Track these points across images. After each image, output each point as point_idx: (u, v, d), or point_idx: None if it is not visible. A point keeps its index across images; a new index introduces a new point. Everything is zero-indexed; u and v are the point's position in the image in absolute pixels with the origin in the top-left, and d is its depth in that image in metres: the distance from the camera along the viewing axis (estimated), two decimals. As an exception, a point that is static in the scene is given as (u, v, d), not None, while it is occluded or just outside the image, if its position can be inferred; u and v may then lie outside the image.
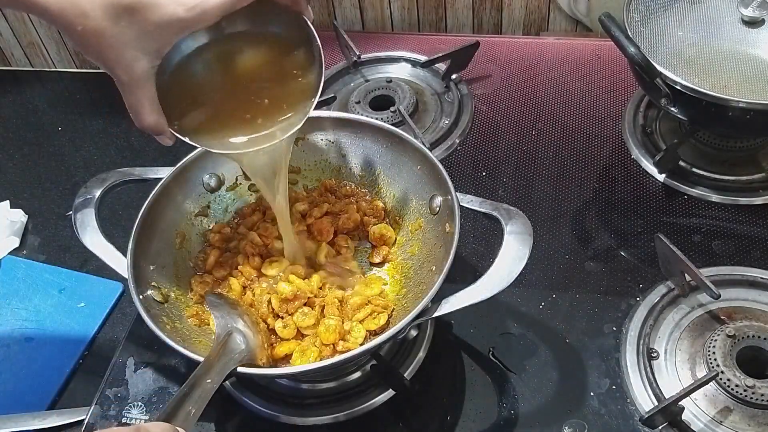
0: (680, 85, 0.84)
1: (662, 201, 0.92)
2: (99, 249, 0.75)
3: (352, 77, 1.15)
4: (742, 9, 0.90)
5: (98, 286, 1.02)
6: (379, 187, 0.84)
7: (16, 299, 1.02)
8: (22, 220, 1.13)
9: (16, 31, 1.45)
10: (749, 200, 0.91)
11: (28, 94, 1.41)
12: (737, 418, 0.71)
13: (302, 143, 0.86)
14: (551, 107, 1.06)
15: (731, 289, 0.80)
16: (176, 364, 0.82)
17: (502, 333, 0.81)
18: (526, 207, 0.77)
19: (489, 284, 0.64)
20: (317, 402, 0.77)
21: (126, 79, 0.58)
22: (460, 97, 1.08)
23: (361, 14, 1.31)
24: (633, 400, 0.73)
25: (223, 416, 0.77)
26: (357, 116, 0.87)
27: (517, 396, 0.75)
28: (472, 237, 0.90)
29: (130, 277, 0.70)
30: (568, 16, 1.26)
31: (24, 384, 0.91)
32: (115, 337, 0.96)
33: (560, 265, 0.87)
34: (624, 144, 0.99)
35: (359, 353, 0.64)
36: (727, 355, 0.73)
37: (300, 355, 0.70)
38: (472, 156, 1.01)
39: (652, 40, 0.91)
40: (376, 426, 0.75)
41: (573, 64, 1.13)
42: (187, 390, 0.57)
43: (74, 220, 0.77)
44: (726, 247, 0.86)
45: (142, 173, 0.82)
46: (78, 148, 1.27)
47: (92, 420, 0.79)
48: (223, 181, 0.85)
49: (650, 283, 0.82)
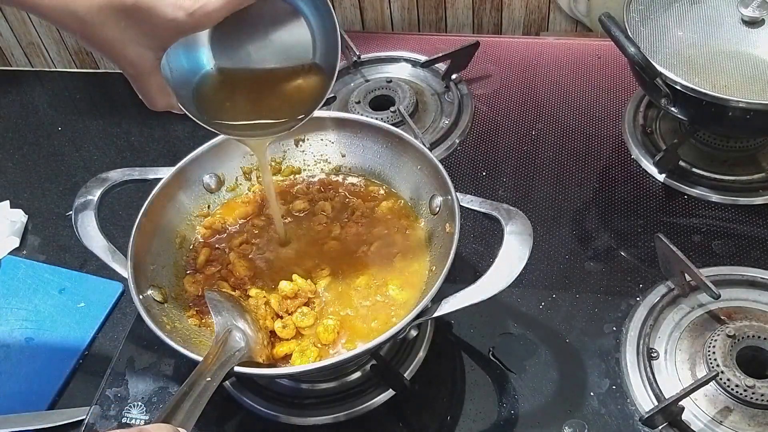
0: (680, 85, 0.84)
1: (662, 201, 0.92)
2: (99, 249, 0.75)
3: (352, 77, 1.15)
4: (742, 9, 0.90)
5: (98, 286, 1.02)
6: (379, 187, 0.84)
7: (16, 299, 1.02)
8: (22, 220, 1.13)
9: (16, 31, 1.45)
10: (749, 200, 0.91)
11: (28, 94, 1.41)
12: (737, 418, 0.71)
13: (302, 143, 0.86)
14: (551, 107, 1.06)
15: (731, 289, 0.80)
16: (176, 364, 0.82)
17: (502, 333, 0.81)
18: (526, 207, 0.77)
19: (489, 284, 0.64)
20: (317, 402, 0.77)
21: (132, 71, 0.59)
22: (460, 97, 1.08)
23: (361, 14, 1.31)
24: (633, 400, 0.73)
25: (223, 416, 0.77)
26: (357, 116, 0.87)
27: (517, 396, 0.75)
28: (472, 237, 0.90)
29: (130, 277, 0.70)
30: (568, 16, 1.26)
31: (24, 384, 0.91)
32: (115, 337, 0.96)
33: (560, 265, 0.87)
34: (624, 144, 0.99)
35: (359, 353, 0.64)
36: (727, 355, 0.73)
37: (300, 355, 0.70)
38: (472, 156, 1.01)
39: (652, 40, 0.91)
40: (376, 426, 0.75)
41: (573, 64, 1.13)
42: (187, 389, 0.57)
43: (74, 220, 0.77)
44: (726, 247, 0.86)
45: (142, 173, 0.82)
46: (78, 148, 1.27)
47: (92, 420, 0.79)
48: (223, 181, 0.85)
49: (650, 283, 0.82)
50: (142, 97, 0.61)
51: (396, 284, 0.75)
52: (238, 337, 0.66)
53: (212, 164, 0.83)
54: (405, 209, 0.82)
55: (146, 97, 0.61)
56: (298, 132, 0.85)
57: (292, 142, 0.86)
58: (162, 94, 0.61)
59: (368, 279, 0.76)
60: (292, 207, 0.83)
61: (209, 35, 0.67)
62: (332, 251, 0.79)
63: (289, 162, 0.87)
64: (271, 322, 0.73)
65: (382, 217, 0.81)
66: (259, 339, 0.68)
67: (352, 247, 0.79)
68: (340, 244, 0.80)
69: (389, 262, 0.77)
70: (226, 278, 0.77)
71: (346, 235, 0.80)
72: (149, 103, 0.62)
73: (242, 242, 0.80)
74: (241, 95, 0.70)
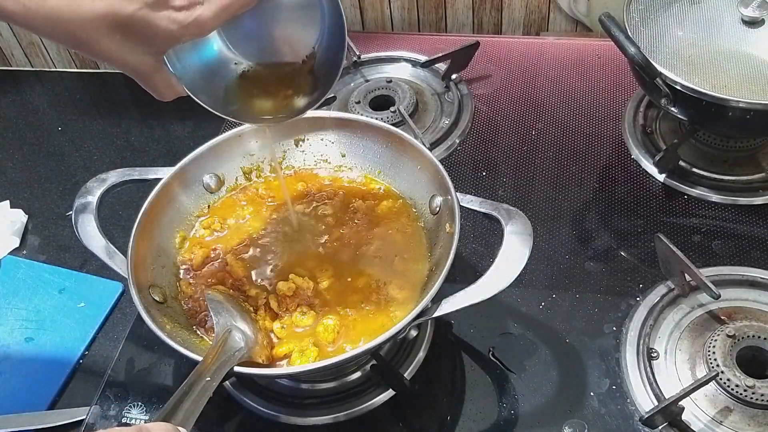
0: (680, 85, 0.84)
1: (662, 201, 0.92)
2: (99, 249, 0.75)
3: (352, 77, 1.15)
4: (742, 9, 0.90)
5: (98, 286, 1.02)
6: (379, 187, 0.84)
7: (16, 299, 1.02)
8: (22, 220, 1.13)
9: (16, 31, 1.46)
10: (749, 200, 0.91)
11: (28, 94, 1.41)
12: (737, 418, 0.71)
13: (302, 143, 0.86)
14: (551, 107, 1.06)
15: (731, 289, 0.80)
16: (176, 364, 0.82)
17: (502, 333, 0.81)
18: (526, 207, 0.77)
19: (489, 284, 0.64)
20: (317, 402, 0.77)
21: (135, 74, 0.59)
22: (460, 97, 1.08)
23: (361, 14, 1.31)
24: (633, 400, 0.73)
25: (223, 416, 0.77)
26: (357, 116, 0.87)
27: (517, 396, 0.75)
28: (472, 237, 0.90)
29: (130, 277, 0.70)
30: (568, 16, 1.26)
31: (24, 384, 0.91)
32: (115, 337, 0.96)
33: (560, 265, 0.87)
34: (624, 144, 0.99)
35: (359, 353, 0.64)
36: (727, 355, 0.73)
37: (300, 355, 0.70)
38: (472, 156, 1.01)
39: (652, 40, 0.91)
40: (376, 426, 0.75)
41: (573, 64, 1.13)
42: (187, 389, 0.57)
43: (74, 220, 0.77)
44: (726, 247, 0.86)
45: (142, 173, 0.82)
46: (78, 148, 1.27)
47: (92, 420, 0.79)
48: (223, 181, 0.85)
49: (650, 283, 0.83)
50: (149, 91, 0.62)
51: (396, 284, 0.75)
52: (238, 337, 0.66)
53: (212, 164, 0.83)
54: (405, 209, 0.82)
55: (153, 93, 0.62)
56: (298, 132, 0.85)
57: (292, 142, 0.86)
58: (168, 88, 0.61)
59: (368, 279, 0.76)
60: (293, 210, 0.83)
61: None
62: (332, 251, 0.79)
63: (289, 162, 0.87)
64: (270, 322, 0.73)
65: (382, 217, 0.81)
66: (259, 339, 0.68)
67: (352, 247, 0.79)
68: (340, 244, 0.80)
69: (389, 262, 0.77)
70: (224, 280, 0.77)
71: (347, 235, 0.80)
72: (157, 97, 0.62)
73: (241, 243, 0.80)
74: (254, 87, 0.69)
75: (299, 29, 0.67)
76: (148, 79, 0.60)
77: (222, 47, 0.68)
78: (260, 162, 0.86)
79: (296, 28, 0.67)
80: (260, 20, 0.66)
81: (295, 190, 0.85)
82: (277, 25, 0.67)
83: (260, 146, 0.85)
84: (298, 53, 0.68)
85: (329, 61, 0.67)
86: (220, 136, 0.82)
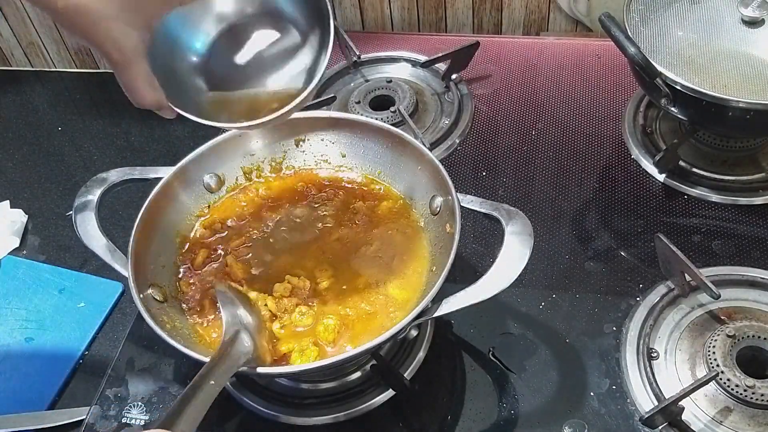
0: (680, 85, 0.84)
1: (662, 201, 0.92)
2: (99, 248, 0.75)
3: (352, 77, 1.15)
4: (742, 9, 0.90)
5: (98, 286, 1.02)
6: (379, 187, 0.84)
7: (16, 299, 1.02)
8: (22, 220, 1.13)
9: (16, 31, 1.46)
10: (749, 200, 0.91)
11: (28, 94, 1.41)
12: (737, 418, 0.71)
13: (302, 144, 0.86)
14: (551, 107, 1.06)
15: (731, 289, 0.80)
16: (176, 364, 0.82)
17: (502, 333, 0.81)
18: (526, 207, 0.77)
19: (489, 284, 0.64)
20: (317, 402, 0.77)
21: (117, 56, 0.56)
22: (460, 97, 1.08)
23: (361, 14, 1.31)
24: (633, 400, 0.73)
25: (223, 416, 0.77)
26: (357, 116, 0.87)
27: (517, 396, 0.75)
28: (472, 237, 0.90)
29: (131, 277, 0.70)
30: (568, 16, 1.26)
31: (24, 384, 0.91)
32: (115, 337, 0.96)
33: (560, 265, 0.87)
34: (624, 144, 0.99)
35: (359, 353, 0.64)
36: (727, 355, 0.73)
37: (300, 354, 0.70)
38: (472, 156, 1.01)
39: (652, 40, 0.91)
40: (376, 426, 0.75)
41: (573, 64, 1.13)
42: (190, 392, 0.55)
43: (74, 220, 0.77)
44: (726, 247, 0.86)
45: (142, 173, 0.82)
46: (78, 148, 1.27)
47: (92, 420, 0.78)
48: (223, 181, 0.85)
49: (650, 283, 0.83)
50: (127, 91, 0.59)
51: (396, 284, 0.75)
52: (246, 340, 0.64)
53: (212, 164, 0.83)
54: (405, 209, 0.82)
55: (132, 90, 0.59)
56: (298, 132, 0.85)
57: (292, 142, 0.86)
58: (148, 87, 0.59)
59: (368, 279, 0.76)
60: (293, 214, 0.83)
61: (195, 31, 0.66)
62: (332, 251, 0.79)
63: (289, 162, 0.87)
64: (270, 324, 0.73)
65: (383, 217, 0.81)
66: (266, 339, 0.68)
67: (353, 247, 0.79)
68: (340, 245, 0.79)
69: (389, 262, 0.77)
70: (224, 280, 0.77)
71: (347, 236, 0.80)
72: (134, 97, 0.59)
73: (241, 244, 0.80)
74: (233, 94, 0.69)
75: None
76: (128, 66, 0.57)
77: (201, 52, 0.67)
78: (260, 162, 0.86)
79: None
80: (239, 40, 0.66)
81: (295, 190, 0.85)
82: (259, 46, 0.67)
83: (261, 146, 0.85)
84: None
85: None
86: (220, 136, 0.82)
